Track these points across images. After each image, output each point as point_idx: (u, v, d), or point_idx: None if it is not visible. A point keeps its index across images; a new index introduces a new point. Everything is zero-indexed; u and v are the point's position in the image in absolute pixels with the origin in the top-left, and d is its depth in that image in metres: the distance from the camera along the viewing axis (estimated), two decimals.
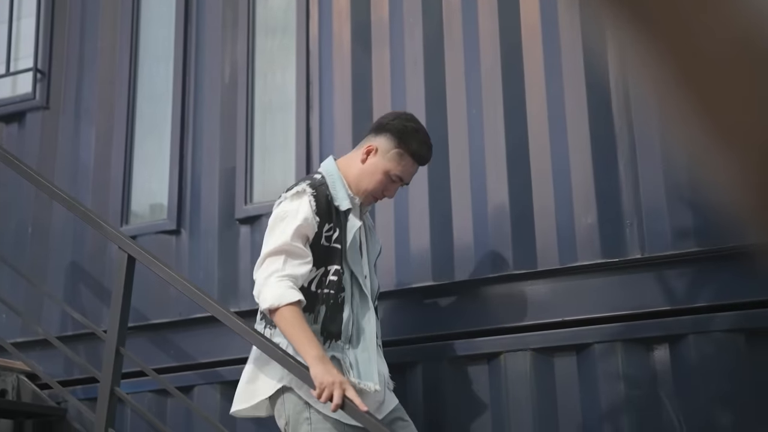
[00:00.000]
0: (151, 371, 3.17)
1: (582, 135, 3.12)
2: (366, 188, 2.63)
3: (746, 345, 2.71)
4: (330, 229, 2.55)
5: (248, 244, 3.73)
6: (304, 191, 2.54)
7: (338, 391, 2.32)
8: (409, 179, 2.70)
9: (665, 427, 2.75)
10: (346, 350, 2.51)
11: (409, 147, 2.63)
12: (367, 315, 2.57)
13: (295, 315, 2.42)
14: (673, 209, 2.91)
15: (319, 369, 2.36)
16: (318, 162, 3.66)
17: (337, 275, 2.53)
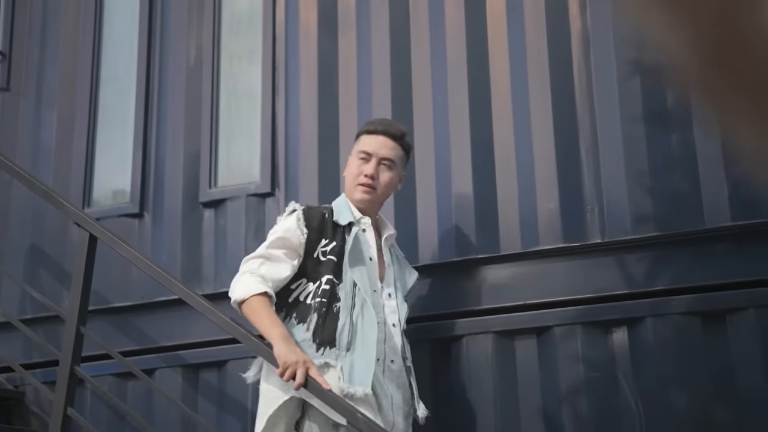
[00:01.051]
0: (115, 352, 3.15)
1: (545, 122, 3.17)
2: (350, 181, 2.72)
3: (702, 327, 2.77)
4: (327, 244, 2.58)
5: (212, 228, 3.72)
6: (294, 210, 2.65)
7: (301, 369, 2.31)
8: (379, 150, 2.71)
9: (622, 409, 2.80)
10: (342, 357, 2.45)
11: (360, 130, 2.82)
12: (370, 327, 2.49)
13: (261, 303, 2.44)
14: (633, 195, 2.97)
15: (282, 348, 2.36)
16: (284, 148, 3.67)
17: (329, 284, 2.52)
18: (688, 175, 2.90)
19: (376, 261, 2.65)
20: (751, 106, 0.53)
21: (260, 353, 2.51)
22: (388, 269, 2.68)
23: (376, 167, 2.70)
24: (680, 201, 2.90)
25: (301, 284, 2.59)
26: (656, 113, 3.00)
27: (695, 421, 2.69)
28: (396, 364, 2.55)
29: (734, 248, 2.81)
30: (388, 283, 2.65)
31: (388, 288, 2.64)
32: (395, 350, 2.56)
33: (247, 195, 3.67)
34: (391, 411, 2.47)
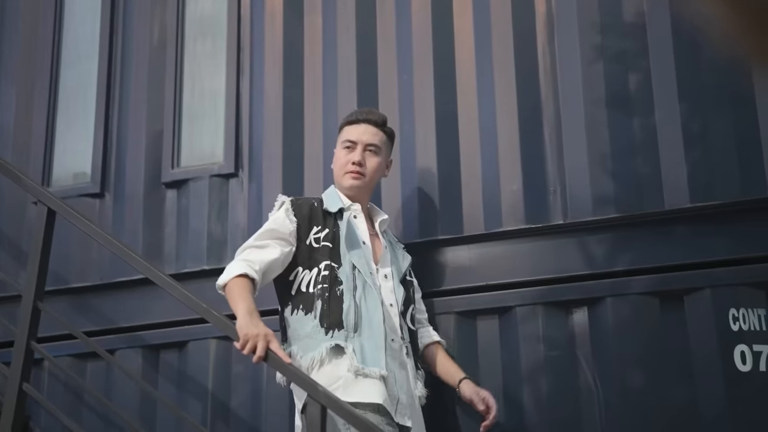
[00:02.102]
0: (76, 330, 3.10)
1: (509, 103, 3.18)
2: (337, 172, 2.79)
3: (660, 307, 2.81)
4: (319, 231, 2.62)
5: (174, 208, 3.68)
6: (282, 202, 2.71)
7: (262, 342, 2.31)
8: (363, 137, 2.77)
9: (582, 388, 2.83)
10: (351, 338, 2.46)
11: (342, 122, 2.88)
12: (374, 308, 2.53)
13: (237, 283, 2.44)
14: (594, 177, 3.00)
15: (244, 321, 2.36)
16: (248, 128, 3.64)
17: (328, 270, 2.54)
18: (648, 158, 2.94)
19: (370, 245, 2.67)
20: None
21: (224, 329, 2.48)
22: (384, 252, 2.71)
23: (362, 154, 2.75)
24: (641, 183, 2.93)
25: (297, 273, 2.60)
26: (619, 97, 3.03)
27: (653, 399, 2.72)
28: (396, 343, 2.55)
29: (692, 230, 2.85)
30: (384, 264, 2.68)
31: (384, 269, 2.66)
32: (394, 329, 2.57)
33: (211, 175, 3.64)
34: (395, 387, 2.47)
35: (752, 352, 2.65)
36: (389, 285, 2.64)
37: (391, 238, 2.87)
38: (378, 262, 2.67)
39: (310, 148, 3.49)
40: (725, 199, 2.80)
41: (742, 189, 2.78)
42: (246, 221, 3.53)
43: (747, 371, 2.64)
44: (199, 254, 3.55)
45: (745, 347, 2.66)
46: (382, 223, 2.81)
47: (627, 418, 2.73)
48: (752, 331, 2.67)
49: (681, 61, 2.95)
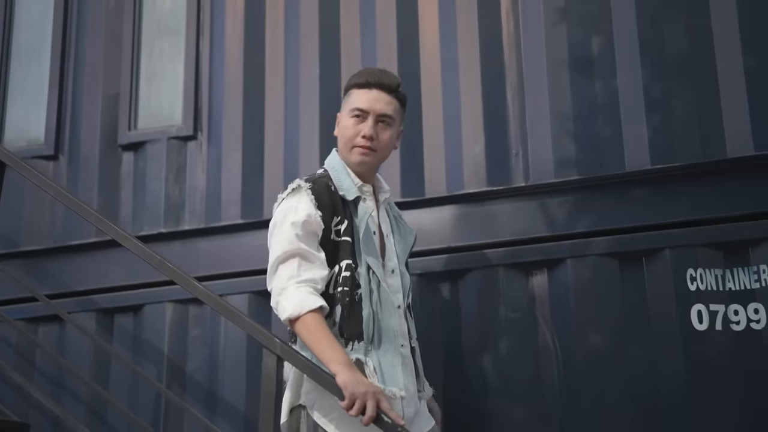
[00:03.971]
0: (37, 292, 3.02)
1: (472, 66, 3.16)
2: (345, 143, 2.39)
3: (620, 268, 2.82)
4: (338, 222, 2.30)
5: (131, 171, 3.60)
6: (299, 186, 2.33)
7: (372, 402, 2.03)
8: (376, 106, 2.38)
9: (540, 348, 2.83)
10: (369, 352, 2.22)
11: (348, 84, 2.46)
12: (389, 313, 2.29)
13: (318, 322, 2.15)
14: (557, 140, 2.99)
15: (347, 377, 2.06)
16: (207, 90, 3.58)
17: (349, 270, 2.26)
18: (610, 121, 2.94)
19: (379, 234, 2.40)
20: None
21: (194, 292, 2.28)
22: (387, 240, 2.42)
23: (374, 126, 2.37)
24: (602, 146, 2.94)
25: None
26: (582, 60, 3.03)
27: (611, 358, 2.73)
28: (405, 349, 2.33)
29: (652, 192, 2.86)
30: (390, 257, 2.39)
31: (390, 262, 2.39)
32: (404, 334, 2.34)
33: (169, 138, 3.57)
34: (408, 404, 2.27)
35: (709, 312, 2.68)
36: (396, 283, 2.37)
37: (395, 211, 2.56)
38: (384, 256, 2.38)
39: (271, 111, 3.44)
40: (685, 161, 2.81)
41: (701, 151, 2.80)
42: (205, 184, 3.47)
43: (703, 330, 2.66)
44: (156, 217, 3.48)
45: (702, 307, 2.68)
46: (384, 202, 2.49)
47: (585, 377, 2.73)
48: (709, 291, 2.69)
49: (643, 25, 2.96)
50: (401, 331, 2.33)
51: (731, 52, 2.82)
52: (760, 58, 2.78)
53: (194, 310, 3.30)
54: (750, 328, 2.64)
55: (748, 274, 2.69)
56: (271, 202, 3.32)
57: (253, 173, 3.39)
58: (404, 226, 2.56)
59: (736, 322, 2.66)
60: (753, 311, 2.65)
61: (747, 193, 2.74)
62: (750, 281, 2.68)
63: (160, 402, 3.18)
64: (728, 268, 2.71)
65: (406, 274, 2.44)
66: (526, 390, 2.80)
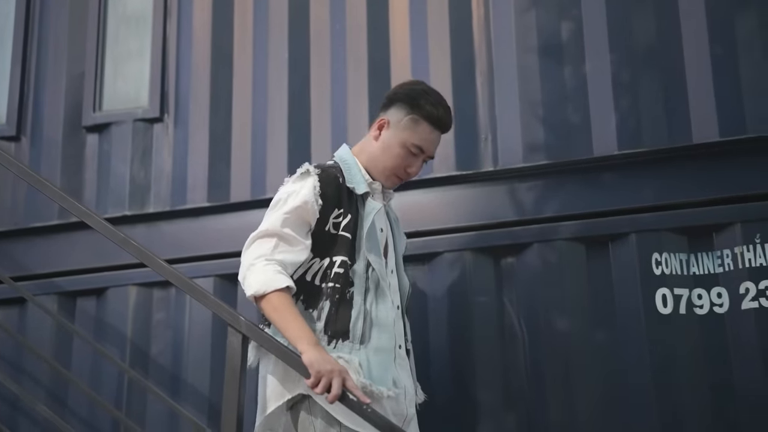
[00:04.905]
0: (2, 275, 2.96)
1: (442, 50, 3.16)
2: (385, 165, 2.31)
3: (586, 253, 2.83)
4: (339, 215, 2.22)
5: (95, 152, 3.55)
6: (308, 172, 2.24)
7: (337, 380, 2.00)
8: (432, 149, 2.34)
9: (507, 331, 2.84)
10: (356, 351, 2.15)
11: (422, 110, 2.30)
12: (386, 314, 2.22)
13: (284, 300, 2.11)
14: (525, 125, 3.00)
15: (313, 355, 2.02)
16: (174, 72, 3.53)
17: (343, 267, 2.18)
18: (578, 107, 2.96)
19: (385, 233, 2.33)
20: None
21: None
22: (389, 241, 2.36)
23: (421, 164, 2.35)
24: (571, 131, 2.95)
25: (307, 259, 2.22)
26: (550, 46, 3.04)
27: (577, 341, 2.75)
28: (402, 350, 2.27)
29: (619, 176, 2.88)
30: (391, 256, 2.33)
31: (391, 262, 2.33)
32: (401, 334, 2.28)
33: (134, 120, 3.52)
34: (405, 402, 2.23)
35: (673, 296, 2.70)
36: (395, 282, 2.32)
37: (393, 214, 2.48)
38: (387, 255, 2.32)
39: (238, 94, 3.41)
40: (652, 146, 2.84)
41: (668, 137, 2.83)
42: (171, 167, 3.42)
43: (667, 314, 2.69)
44: (120, 200, 3.43)
45: (666, 290, 2.70)
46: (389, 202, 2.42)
47: (551, 360, 2.75)
48: (674, 275, 2.72)
49: (612, 11, 2.98)
50: (399, 332, 2.27)
51: (698, 39, 2.85)
52: (726, 45, 2.81)
53: (159, 294, 3.26)
54: (713, 312, 2.67)
55: (712, 259, 2.72)
56: (238, 186, 3.32)
57: (220, 156, 3.36)
58: (400, 230, 2.49)
59: (700, 306, 2.69)
60: (716, 295, 2.68)
61: (712, 179, 2.77)
62: (714, 266, 2.71)
63: (122, 386, 3.13)
64: (692, 252, 2.74)
65: (404, 276, 2.40)
66: (493, 373, 2.80)
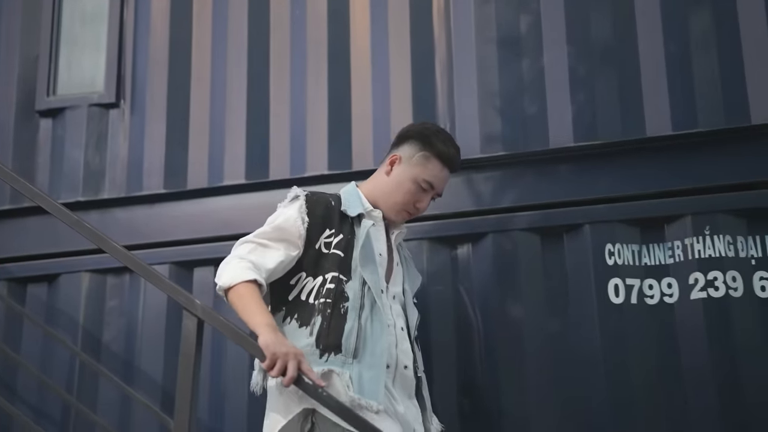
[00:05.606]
0: None
1: (402, 41, 3.17)
2: (395, 200, 2.38)
3: (541, 243, 2.87)
4: (331, 236, 2.27)
5: (49, 137, 3.49)
6: (297, 196, 2.33)
7: (293, 362, 1.99)
8: (441, 186, 2.43)
9: (461, 319, 2.86)
10: (348, 365, 2.14)
11: (434, 148, 2.40)
12: (380, 331, 2.21)
13: (247, 290, 2.13)
14: (483, 116, 3.02)
15: (270, 338, 2.03)
16: (131, 57, 3.49)
17: (335, 282, 2.21)
18: (535, 99, 2.99)
19: (385, 258, 2.35)
20: None
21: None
22: (397, 269, 2.39)
23: (429, 200, 2.44)
24: (528, 123, 2.98)
25: (300, 279, 2.26)
26: (509, 39, 3.07)
27: (531, 329, 2.78)
28: (409, 371, 2.26)
29: (575, 168, 2.92)
30: (395, 283, 2.36)
31: (395, 288, 2.35)
32: (408, 355, 2.27)
33: (90, 105, 3.48)
34: (410, 420, 2.21)
35: (625, 286, 2.75)
36: (397, 308, 2.33)
37: (405, 253, 2.53)
38: (389, 281, 2.34)
39: (197, 81, 3.38)
40: (607, 139, 2.88)
41: (622, 130, 2.87)
42: (126, 153, 3.38)
43: (619, 303, 2.73)
44: (74, 185, 3.38)
45: (618, 281, 2.75)
46: (399, 236, 2.46)
47: (505, 347, 2.77)
48: (626, 265, 2.77)
49: (570, 6, 3.01)
50: (406, 353, 2.26)
51: (653, 35, 2.90)
52: (679, 41, 2.87)
53: (112, 281, 3.21)
54: (663, 302, 2.72)
55: (663, 250, 2.77)
56: (195, 172, 3.29)
57: (177, 143, 3.33)
58: (413, 269, 2.53)
59: (651, 296, 2.74)
60: (666, 285, 2.74)
61: (664, 171, 2.82)
62: (665, 257, 2.76)
63: (73, 372, 3.09)
64: (644, 243, 2.78)
65: (413, 307, 2.41)
66: (448, 360, 2.82)
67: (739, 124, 2.76)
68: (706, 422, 2.56)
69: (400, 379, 2.24)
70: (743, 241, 2.70)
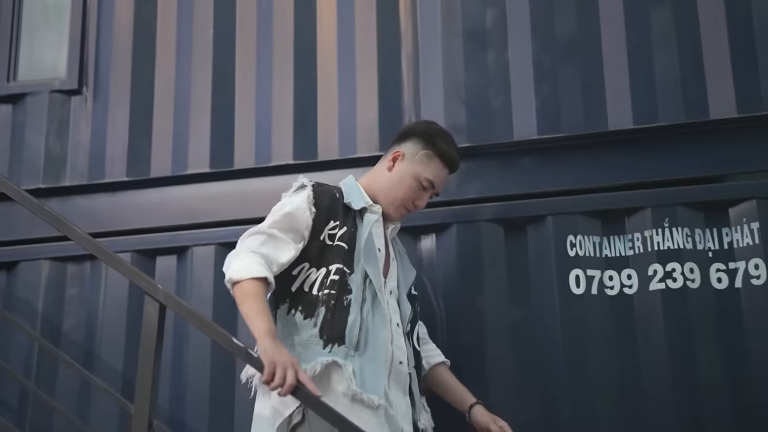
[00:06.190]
0: None
1: (368, 33, 3.17)
2: (395, 196, 2.41)
3: (504, 234, 2.89)
4: (335, 227, 2.27)
5: (8, 123, 3.44)
6: (304, 186, 2.33)
7: (292, 371, 1.96)
8: (440, 186, 2.46)
9: (426, 310, 2.87)
10: (351, 357, 2.15)
11: (437, 147, 2.43)
12: (382, 325, 2.23)
13: (255, 288, 2.10)
14: (449, 107, 3.04)
15: (270, 346, 1.99)
16: (94, 43, 3.45)
17: (339, 274, 2.21)
18: (500, 91, 3.02)
19: (383, 253, 2.36)
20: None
21: (72, 236, 2.16)
22: (392, 264, 2.40)
23: (427, 198, 2.46)
24: (492, 115, 3.01)
25: (303, 269, 2.25)
26: (475, 31, 3.09)
27: (493, 319, 2.80)
28: (404, 366, 2.26)
29: (538, 161, 2.95)
30: (391, 278, 2.37)
31: (391, 284, 2.36)
32: (402, 350, 2.27)
33: (51, 91, 3.43)
34: (397, 418, 2.20)
35: (586, 277, 2.78)
36: (393, 303, 2.33)
37: (399, 247, 2.52)
38: (386, 276, 2.35)
39: (161, 68, 3.35)
40: (570, 132, 2.92)
41: (585, 123, 2.91)
42: (89, 140, 3.34)
43: (580, 294, 2.77)
44: (34, 172, 3.33)
45: (579, 272, 2.79)
46: (393, 231, 2.47)
47: (468, 336, 2.79)
48: (587, 256, 2.80)
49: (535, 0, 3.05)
50: (401, 348, 2.26)
51: (615, 29, 2.94)
52: (642, 36, 2.91)
53: (73, 269, 3.18)
54: (623, 293, 2.77)
55: (623, 242, 2.81)
56: (159, 160, 3.27)
57: (141, 131, 3.30)
58: (407, 263, 2.52)
59: (611, 287, 2.78)
60: (626, 277, 2.78)
61: (625, 165, 2.86)
62: (625, 248, 2.80)
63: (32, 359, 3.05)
64: (605, 235, 2.82)
65: (407, 302, 2.39)
66: None
67: (699, 119, 2.81)
68: (662, 410, 2.61)
69: (395, 374, 2.23)
70: (701, 233, 2.75)
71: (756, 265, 2.68)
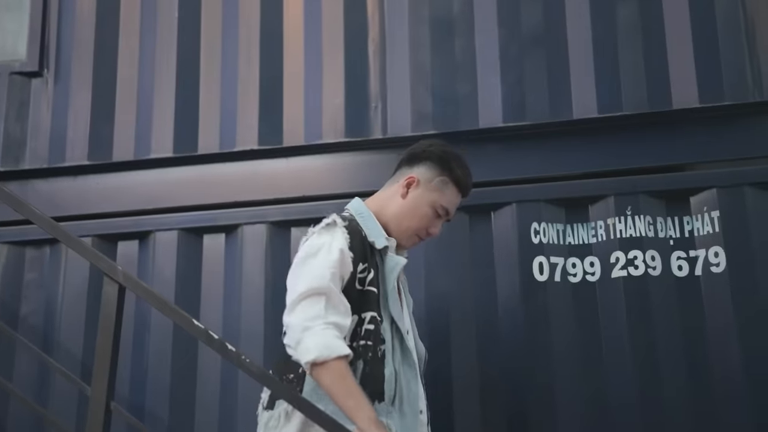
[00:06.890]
0: None
1: (335, 19, 3.16)
2: (409, 225, 2.23)
3: (469, 221, 2.90)
4: (364, 270, 2.09)
5: None
6: (335, 223, 2.12)
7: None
8: (452, 210, 2.30)
9: None
10: (390, 414, 2.02)
11: (453, 173, 2.26)
12: (410, 374, 2.10)
13: (345, 371, 1.91)
14: (415, 94, 3.04)
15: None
16: (56, 24, 3.39)
17: (374, 323, 2.05)
18: (466, 79, 3.02)
19: (404, 298, 2.26)
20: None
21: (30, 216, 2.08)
22: (403, 300, 2.25)
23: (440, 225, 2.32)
24: (458, 102, 3.01)
25: None
26: (442, 19, 3.09)
27: (457, 305, 2.81)
28: (423, 416, 2.14)
29: (503, 148, 2.96)
30: (406, 317, 2.23)
31: (407, 323, 2.21)
32: (423, 399, 2.16)
33: (11, 73, 3.36)
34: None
35: (549, 264, 2.80)
36: (412, 344, 2.18)
37: (402, 277, 2.35)
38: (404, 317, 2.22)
39: (125, 51, 3.30)
40: (535, 120, 2.93)
41: (550, 112, 2.93)
42: (49, 123, 3.29)
43: (543, 281, 2.78)
44: None
45: (543, 259, 2.80)
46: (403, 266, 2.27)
47: (432, 321, 2.80)
48: (551, 244, 2.82)
49: None
50: (421, 396, 2.15)
51: (581, 19, 2.96)
52: (606, 25, 2.94)
53: (31, 253, 3.12)
54: (585, 280, 2.79)
55: (587, 230, 2.83)
56: (121, 144, 3.22)
57: (103, 114, 3.25)
58: (408, 293, 2.37)
59: (574, 275, 2.80)
60: (589, 264, 2.80)
61: (589, 153, 2.89)
62: (588, 236, 2.83)
63: None
64: (569, 223, 2.84)
65: (419, 340, 2.27)
66: None
67: (661, 109, 2.84)
68: (623, 393, 2.64)
69: (419, 426, 2.13)
70: (663, 221, 2.78)
71: (716, 253, 2.71)
